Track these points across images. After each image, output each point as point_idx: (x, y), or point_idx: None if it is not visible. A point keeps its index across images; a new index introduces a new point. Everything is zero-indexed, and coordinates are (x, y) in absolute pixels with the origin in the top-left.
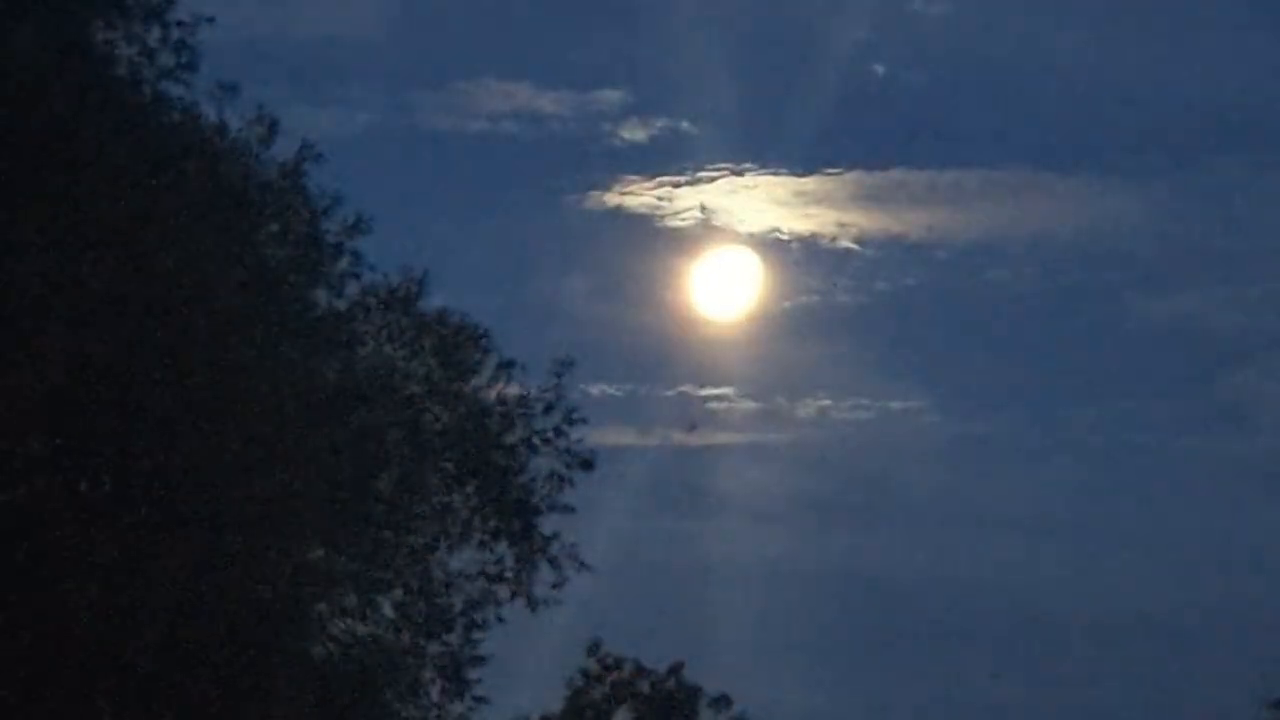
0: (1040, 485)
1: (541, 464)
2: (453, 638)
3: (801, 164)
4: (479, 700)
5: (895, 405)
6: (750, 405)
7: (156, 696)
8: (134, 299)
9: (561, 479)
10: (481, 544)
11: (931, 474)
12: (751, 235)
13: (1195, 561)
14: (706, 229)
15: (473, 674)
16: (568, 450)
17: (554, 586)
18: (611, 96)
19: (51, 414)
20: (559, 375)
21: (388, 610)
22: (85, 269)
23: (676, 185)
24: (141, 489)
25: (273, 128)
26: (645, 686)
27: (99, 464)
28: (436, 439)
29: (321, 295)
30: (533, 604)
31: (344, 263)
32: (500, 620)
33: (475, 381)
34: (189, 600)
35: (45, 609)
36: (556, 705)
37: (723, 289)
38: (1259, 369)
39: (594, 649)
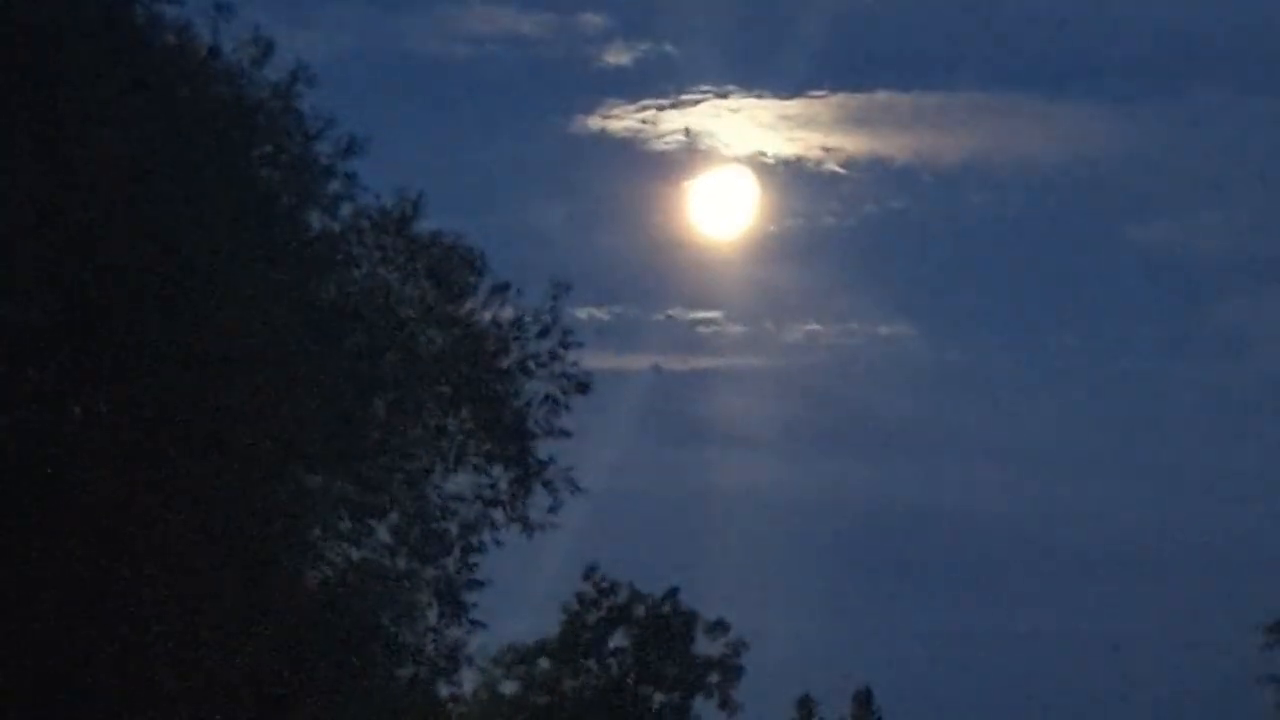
0: (1027, 412)
1: (536, 387)
2: (449, 562)
3: (786, 87)
4: (475, 624)
5: (883, 330)
6: (738, 329)
7: (154, 620)
8: (126, 223)
9: (556, 403)
10: (476, 468)
11: (918, 400)
12: (737, 159)
13: (1184, 487)
14: (691, 153)
15: (469, 598)
16: (563, 374)
17: (550, 510)
18: (595, 19)
19: (47, 341)
20: (555, 298)
21: (384, 534)
22: (78, 192)
23: (660, 109)
24: (136, 415)
25: (267, 50)
26: (641, 611)
27: (94, 391)
28: (431, 362)
29: (315, 217)
30: (528, 528)
31: (337, 184)
32: (497, 544)
33: (469, 304)
34: (185, 524)
35: (41, 531)
36: (553, 629)
37: (709, 213)
38: (1247, 295)
39: (590, 573)
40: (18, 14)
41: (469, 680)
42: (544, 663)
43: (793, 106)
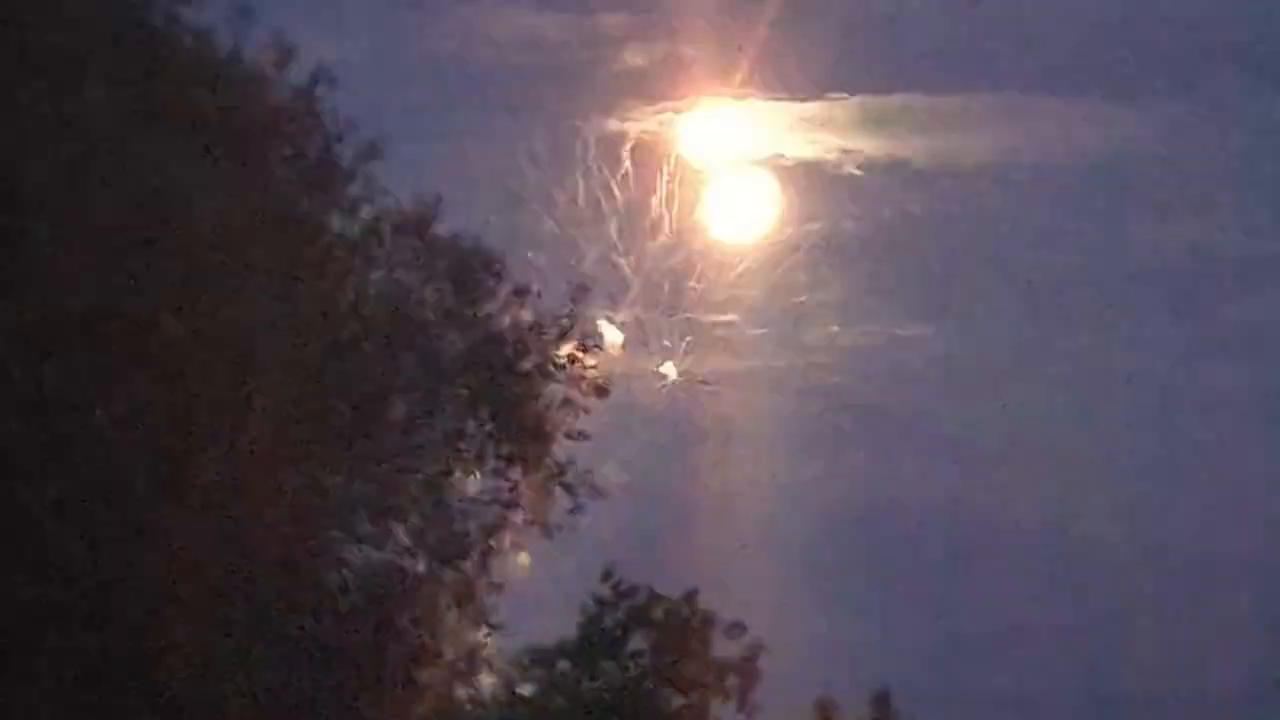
0: (1047, 413)
1: (556, 390)
2: (468, 564)
3: (804, 89)
4: (494, 627)
5: (900, 332)
6: (757, 332)
7: (167, 623)
8: (145, 226)
9: (575, 406)
10: (495, 471)
11: (938, 401)
12: (755, 162)
13: (1200, 491)
14: (709, 155)
15: (488, 600)
16: (582, 377)
17: (569, 513)
18: (612, 21)
19: (65, 342)
20: (574, 301)
21: (403, 537)
22: (94, 195)
23: (678, 111)
24: (149, 416)
25: (289, 55)
26: (660, 613)
27: (107, 391)
28: (450, 365)
29: (335, 220)
30: (547, 531)
31: (357, 187)
32: (516, 547)
33: (488, 307)
34: (200, 526)
35: (51, 532)
36: (571, 631)
37: (727, 216)
38: (1266, 296)
39: (608, 575)
40: (25, 14)
41: (487, 683)
42: (563, 665)
43: (811, 109)
